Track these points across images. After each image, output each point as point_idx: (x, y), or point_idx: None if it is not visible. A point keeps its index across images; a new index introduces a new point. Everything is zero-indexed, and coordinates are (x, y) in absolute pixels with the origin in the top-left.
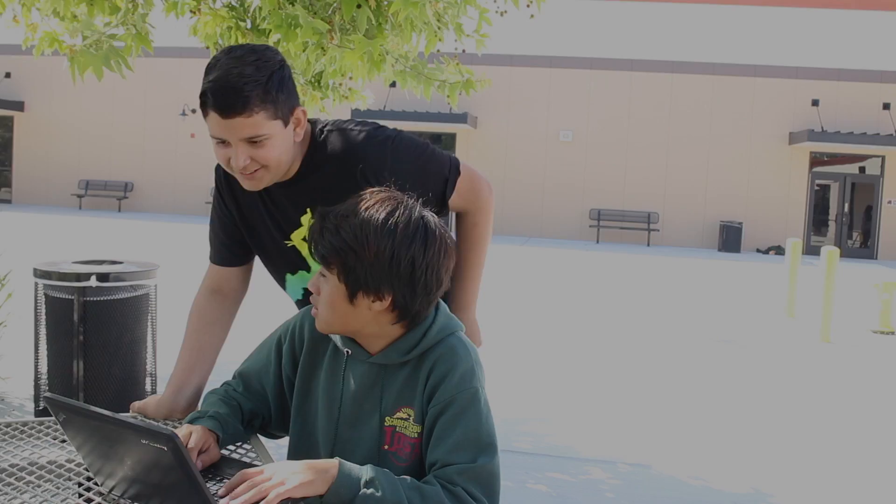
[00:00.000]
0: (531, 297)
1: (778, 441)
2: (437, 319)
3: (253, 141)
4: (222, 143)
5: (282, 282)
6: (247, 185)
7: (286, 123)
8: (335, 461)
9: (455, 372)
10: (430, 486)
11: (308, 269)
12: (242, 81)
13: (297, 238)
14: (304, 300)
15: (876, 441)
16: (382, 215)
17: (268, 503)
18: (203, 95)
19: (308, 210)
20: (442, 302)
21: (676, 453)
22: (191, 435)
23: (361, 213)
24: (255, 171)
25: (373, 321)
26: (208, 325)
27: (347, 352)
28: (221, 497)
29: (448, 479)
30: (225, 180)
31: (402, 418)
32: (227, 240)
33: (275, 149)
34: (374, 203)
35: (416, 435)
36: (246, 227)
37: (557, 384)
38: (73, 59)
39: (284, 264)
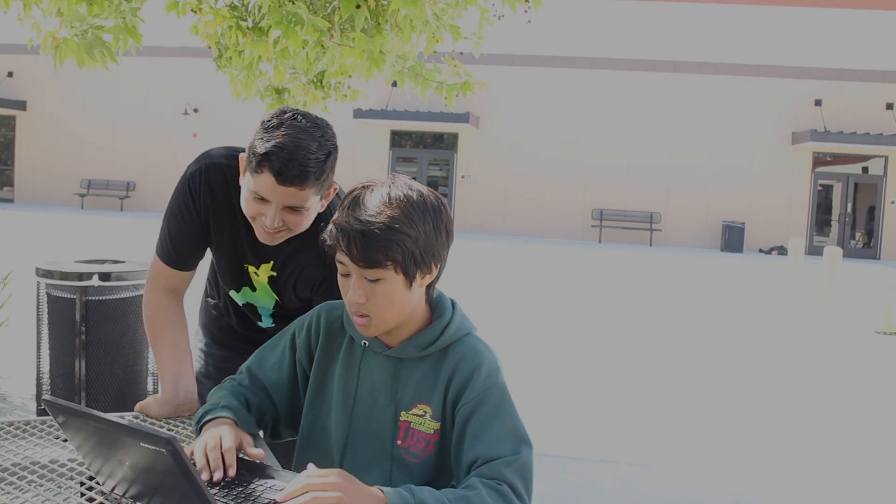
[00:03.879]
0: (533, 296)
1: (780, 441)
2: (454, 318)
3: (292, 208)
4: (261, 199)
5: (227, 283)
6: (265, 239)
7: (322, 198)
8: (379, 492)
9: (481, 370)
10: (472, 490)
11: (253, 288)
12: (307, 156)
13: (259, 270)
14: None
15: (879, 441)
16: (404, 192)
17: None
18: (265, 156)
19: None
20: (457, 302)
21: (677, 453)
22: (220, 438)
23: (388, 201)
24: (279, 231)
25: (419, 299)
26: (176, 319)
27: (365, 343)
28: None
29: (495, 473)
30: (205, 190)
31: (417, 415)
32: (195, 249)
33: (307, 218)
34: (381, 190)
35: (432, 431)
36: (211, 236)
37: (558, 384)
38: (57, 48)
39: (232, 280)
